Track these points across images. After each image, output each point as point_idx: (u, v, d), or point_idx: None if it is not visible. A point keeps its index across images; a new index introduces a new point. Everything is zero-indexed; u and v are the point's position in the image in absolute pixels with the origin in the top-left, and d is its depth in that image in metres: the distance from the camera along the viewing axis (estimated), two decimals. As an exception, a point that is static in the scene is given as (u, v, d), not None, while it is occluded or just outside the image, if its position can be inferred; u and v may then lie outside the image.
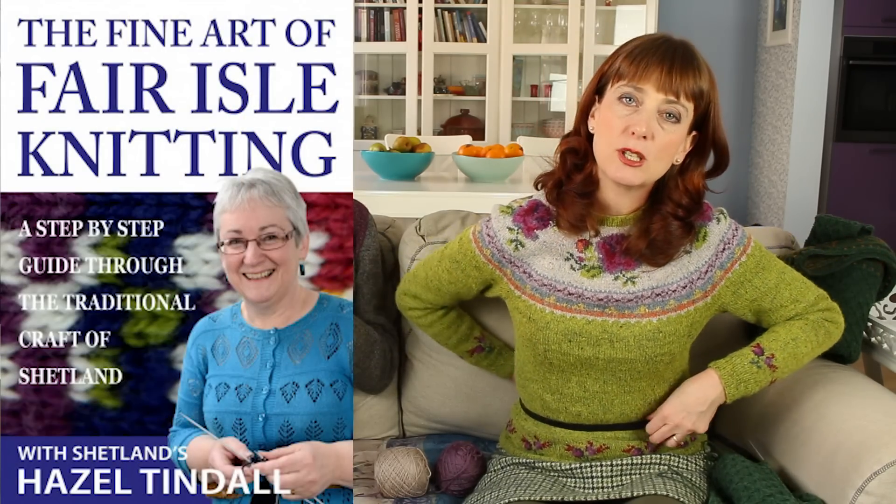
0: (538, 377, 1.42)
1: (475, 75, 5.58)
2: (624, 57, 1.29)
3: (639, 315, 1.34)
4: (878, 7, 4.69)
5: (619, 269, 1.36)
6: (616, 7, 5.35)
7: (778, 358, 1.36)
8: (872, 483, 1.24)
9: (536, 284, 1.38)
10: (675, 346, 1.36)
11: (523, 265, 1.40)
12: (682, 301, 1.35)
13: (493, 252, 1.41)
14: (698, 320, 1.39)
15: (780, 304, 1.39)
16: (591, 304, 1.35)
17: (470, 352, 1.61)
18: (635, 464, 1.39)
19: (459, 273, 1.47)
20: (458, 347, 1.61)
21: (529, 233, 1.39)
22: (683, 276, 1.36)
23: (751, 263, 1.38)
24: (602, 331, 1.34)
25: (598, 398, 1.38)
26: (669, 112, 1.26)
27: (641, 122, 1.25)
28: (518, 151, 3.24)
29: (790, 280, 1.40)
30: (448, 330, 1.58)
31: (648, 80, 1.25)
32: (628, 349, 1.34)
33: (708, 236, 1.37)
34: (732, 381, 1.36)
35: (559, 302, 1.36)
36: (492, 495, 1.34)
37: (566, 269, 1.37)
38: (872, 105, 4.84)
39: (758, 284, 1.38)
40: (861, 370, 1.70)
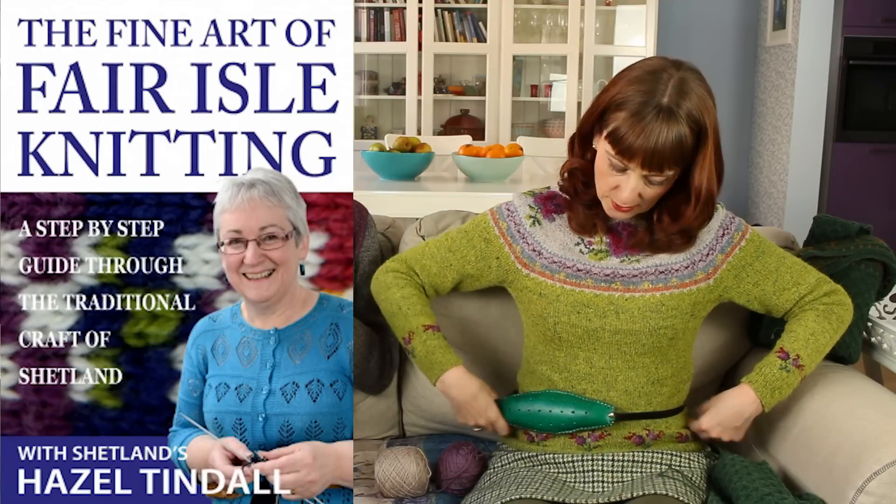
0: (546, 357, 1.45)
1: (475, 75, 5.58)
2: (616, 108, 1.31)
3: (643, 290, 1.39)
4: (878, 7, 4.69)
5: (624, 253, 1.43)
6: (616, 7, 5.35)
7: (803, 357, 1.41)
8: (872, 483, 1.24)
9: (546, 262, 1.44)
10: (677, 322, 1.39)
11: (534, 243, 1.46)
12: (684, 280, 1.41)
13: (510, 225, 1.47)
14: (700, 301, 1.42)
15: (783, 286, 1.44)
16: (599, 279, 1.41)
17: (426, 326, 1.49)
18: (636, 461, 1.39)
19: (464, 242, 1.50)
20: (418, 318, 1.49)
21: (547, 214, 1.47)
22: (685, 258, 1.42)
23: (750, 248, 1.43)
24: (609, 303, 1.39)
25: (602, 374, 1.41)
26: (654, 176, 1.32)
27: (627, 189, 1.32)
28: (518, 151, 3.24)
29: (790, 264, 1.45)
30: (417, 297, 1.50)
31: (634, 157, 1.30)
32: (633, 320, 1.38)
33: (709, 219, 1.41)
34: (767, 392, 1.40)
35: (568, 278, 1.42)
36: (492, 494, 1.34)
37: (576, 252, 1.44)
38: (872, 105, 4.84)
39: (759, 268, 1.43)
40: (861, 370, 1.70)
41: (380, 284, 1.54)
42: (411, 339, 1.48)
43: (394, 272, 1.53)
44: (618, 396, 1.41)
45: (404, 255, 1.56)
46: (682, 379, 1.47)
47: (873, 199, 4.84)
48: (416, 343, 1.48)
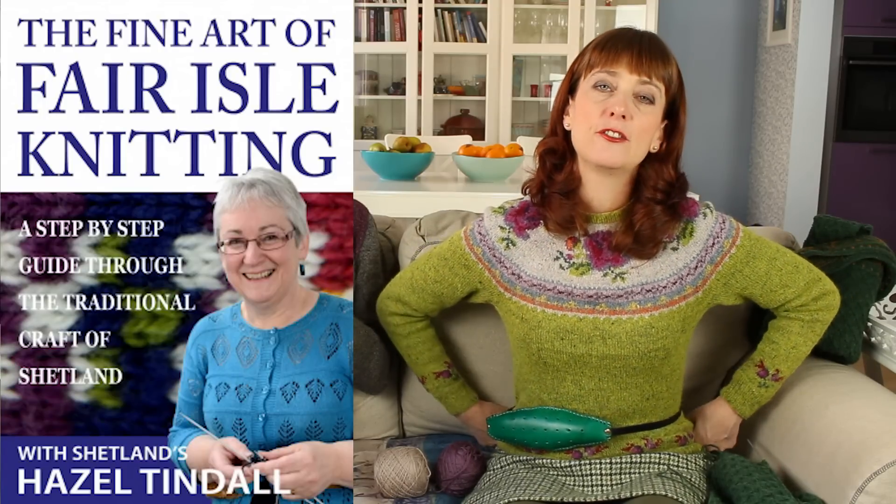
0: (534, 378, 1.42)
1: (475, 75, 5.59)
2: (593, 48, 1.34)
3: (630, 311, 1.35)
4: (878, 7, 4.69)
5: (606, 265, 1.37)
6: (616, 7, 5.35)
7: (783, 371, 1.44)
8: (872, 483, 1.24)
9: (526, 285, 1.39)
10: (668, 342, 1.36)
11: (513, 266, 1.41)
12: (673, 297, 1.36)
13: (484, 251, 1.43)
14: (691, 315, 1.39)
15: (770, 289, 1.41)
16: (582, 301, 1.36)
17: (437, 374, 1.57)
18: (634, 462, 1.39)
19: (447, 271, 1.48)
20: (427, 366, 1.57)
21: (521, 232, 1.42)
22: (672, 273, 1.37)
23: (740, 254, 1.39)
24: (594, 328, 1.35)
25: (593, 395, 1.38)
26: (644, 94, 1.31)
27: (619, 102, 1.29)
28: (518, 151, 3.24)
29: (781, 265, 1.41)
30: (423, 345, 1.57)
31: (620, 63, 1.30)
32: (621, 346, 1.34)
33: (695, 232, 1.38)
34: (746, 405, 1.44)
35: (550, 301, 1.37)
36: (492, 495, 1.34)
37: (555, 269, 1.38)
38: (872, 105, 4.84)
39: (748, 273, 1.40)
40: (861, 370, 1.70)
41: (384, 325, 1.60)
42: (425, 382, 1.60)
43: (393, 315, 1.56)
44: (611, 415, 1.38)
45: (397, 293, 1.54)
46: (676, 389, 1.44)
47: (873, 199, 4.84)
48: (430, 387, 1.60)
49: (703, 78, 5.54)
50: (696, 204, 1.40)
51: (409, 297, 1.53)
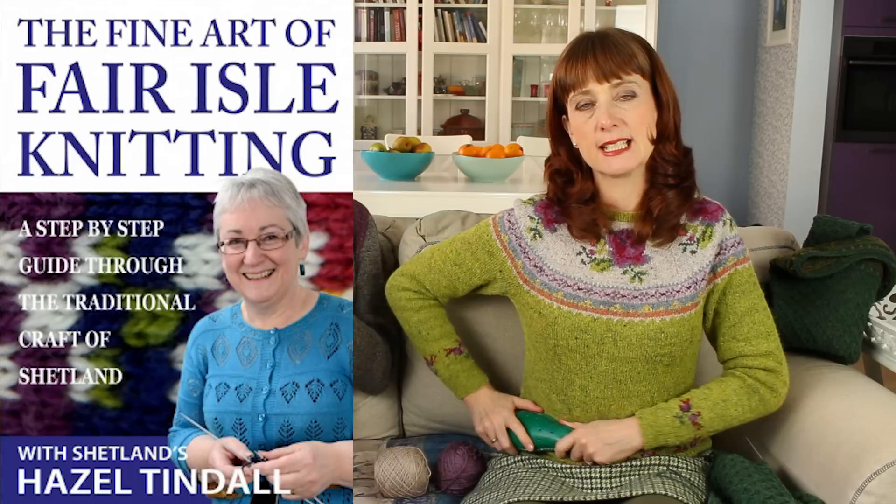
0: (546, 376, 1.43)
1: (475, 75, 5.59)
2: (558, 71, 1.37)
3: (643, 314, 1.35)
4: (878, 7, 4.69)
5: (628, 262, 1.38)
6: (616, 7, 5.35)
7: (704, 417, 1.37)
8: (872, 483, 1.24)
9: (547, 279, 1.40)
10: (675, 349, 1.36)
11: (536, 258, 1.42)
12: (685, 303, 1.37)
13: (511, 239, 1.45)
14: (697, 325, 1.40)
15: (733, 335, 1.40)
16: (598, 301, 1.37)
17: (448, 350, 1.53)
18: (634, 465, 1.39)
19: (468, 255, 1.48)
20: (438, 342, 1.54)
21: (549, 224, 1.43)
22: (688, 277, 1.37)
23: (735, 281, 1.39)
24: (606, 329, 1.36)
25: (597, 404, 1.39)
26: (623, 94, 1.32)
27: (603, 115, 1.31)
28: (518, 151, 3.24)
29: (757, 320, 1.40)
30: (434, 320, 1.54)
31: (588, 79, 1.31)
32: (630, 347, 1.35)
33: (713, 236, 1.39)
34: (651, 432, 1.36)
35: (567, 298, 1.38)
36: (492, 495, 1.34)
37: (577, 264, 1.40)
38: (872, 105, 4.84)
39: (728, 302, 1.40)
40: (861, 370, 1.70)
41: (394, 302, 1.58)
42: (433, 361, 1.55)
43: (405, 290, 1.55)
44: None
45: (412, 270, 1.55)
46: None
47: (873, 199, 4.84)
48: (439, 366, 1.54)
49: (703, 78, 5.54)
50: (720, 209, 1.42)
51: (425, 276, 1.53)
